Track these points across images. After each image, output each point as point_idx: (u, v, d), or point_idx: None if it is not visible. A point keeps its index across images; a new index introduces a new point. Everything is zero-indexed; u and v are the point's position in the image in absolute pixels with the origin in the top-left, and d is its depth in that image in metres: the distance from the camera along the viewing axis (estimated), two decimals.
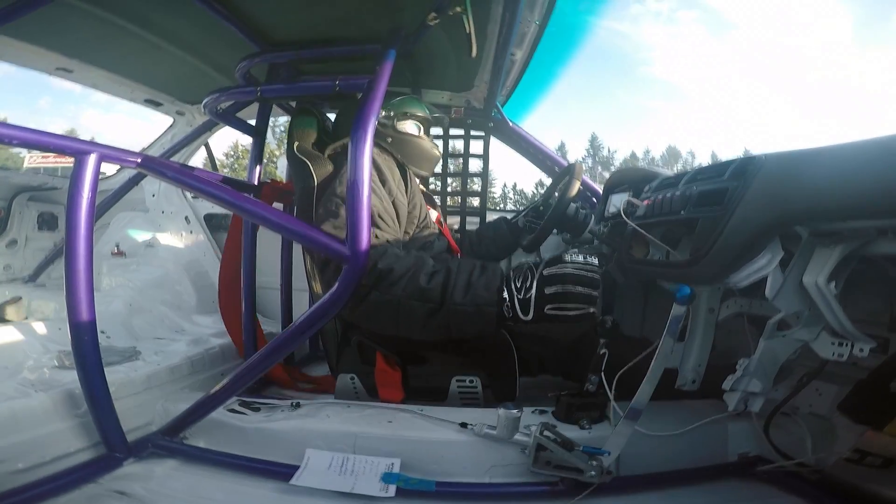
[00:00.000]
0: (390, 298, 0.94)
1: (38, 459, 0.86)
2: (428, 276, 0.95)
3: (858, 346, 0.72)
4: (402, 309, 0.94)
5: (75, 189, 0.84)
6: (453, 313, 0.91)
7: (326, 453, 0.90)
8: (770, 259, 0.74)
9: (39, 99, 59.78)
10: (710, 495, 0.88)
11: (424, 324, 0.95)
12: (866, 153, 0.63)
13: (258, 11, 1.18)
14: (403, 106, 1.32)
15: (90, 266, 0.86)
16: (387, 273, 0.95)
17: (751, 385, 0.84)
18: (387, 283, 0.95)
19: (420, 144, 1.33)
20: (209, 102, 1.35)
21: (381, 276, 0.95)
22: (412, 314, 0.94)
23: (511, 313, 0.91)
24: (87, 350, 0.87)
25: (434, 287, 0.93)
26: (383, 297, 0.94)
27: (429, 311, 0.93)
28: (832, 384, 0.96)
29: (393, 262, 0.96)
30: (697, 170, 0.93)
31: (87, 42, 1.35)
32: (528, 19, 1.17)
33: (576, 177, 1.36)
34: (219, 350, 1.40)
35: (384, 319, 0.97)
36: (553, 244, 1.70)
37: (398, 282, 0.95)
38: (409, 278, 0.95)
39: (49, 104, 61.82)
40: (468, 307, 0.91)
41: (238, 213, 1.26)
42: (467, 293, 0.91)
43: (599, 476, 0.82)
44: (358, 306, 0.96)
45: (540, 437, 0.83)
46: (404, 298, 0.93)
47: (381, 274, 0.95)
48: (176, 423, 0.99)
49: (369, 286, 0.94)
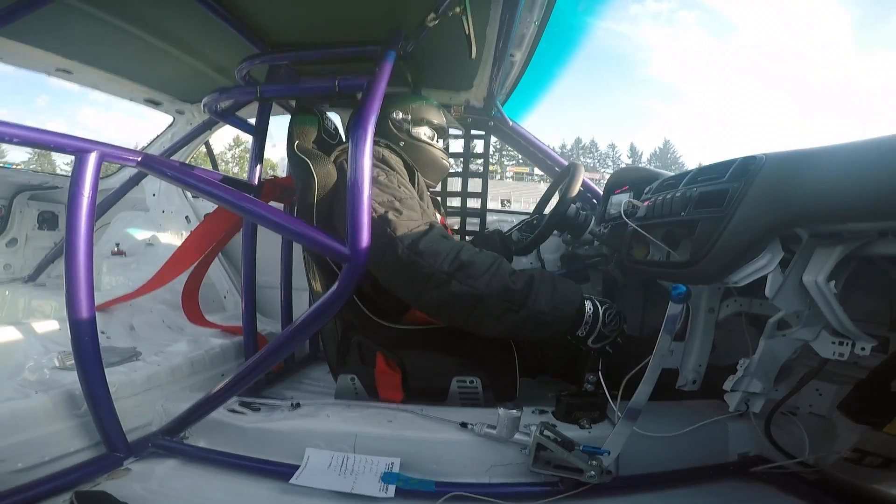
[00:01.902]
0: (471, 291, 0.93)
1: (38, 459, 0.86)
2: (512, 277, 0.96)
3: (859, 345, 0.72)
4: (482, 303, 0.94)
5: (76, 188, 0.84)
6: (533, 317, 0.94)
7: (326, 453, 0.90)
8: (770, 259, 0.74)
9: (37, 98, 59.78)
10: (710, 495, 0.88)
11: (498, 320, 0.95)
12: (866, 154, 0.63)
13: (258, 13, 1.18)
14: (421, 111, 1.32)
15: (90, 265, 0.86)
16: (469, 264, 0.95)
17: (752, 385, 0.84)
18: (467, 273, 0.94)
19: (432, 152, 1.32)
20: (209, 102, 1.35)
21: (462, 266, 0.95)
22: (490, 309, 0.94)
23: (584, 333, 0.94)
24: (87, 350, 0.86)
25: (518, 289, 0.94)
26: (463, 288, 0.93)
27: (507, 309, 0.94)
28: (832, 384, 0.96)
29: (473, 255, 0.97)
30: (698, 170, 0.93)
31: (87, 43, 1.35)
32: (527, 20, 1.17)
33: (576, 177, 1.36)
34: (219, 350, 1.39)
35: (458, 310, 0.96)
36: (553, 245, 1.70)
37: (482, 276, 0.94)
38: (493, 274, 0.95)
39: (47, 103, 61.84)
40: (547, 316, 0.94)
41: (238, 212, 1.26)
42: (551, 302, 0.94)
43: (599, 476, 0.82)
44: (431, 294, 0.95)
45: (540, 437, 0.83)
46: (486, 293, 0.93)
47: (464, 265, 0.95)
48: (176, 423, 0.99)
49: (448, 274, 0.94)
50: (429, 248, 0.96)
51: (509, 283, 0.94)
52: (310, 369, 1.63)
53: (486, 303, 0.94)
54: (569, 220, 1.35)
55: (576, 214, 1.35)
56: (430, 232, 0.99)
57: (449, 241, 1.00)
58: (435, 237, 0.99)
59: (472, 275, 0.94)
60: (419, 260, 0.95)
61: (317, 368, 1.63)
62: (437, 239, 0.98)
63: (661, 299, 0.92)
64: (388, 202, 1.02)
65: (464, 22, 1.03)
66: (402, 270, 0.96)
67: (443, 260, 0.95)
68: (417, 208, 1.07)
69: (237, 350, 1.45)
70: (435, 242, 0.97)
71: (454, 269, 0.94)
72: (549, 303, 0.94)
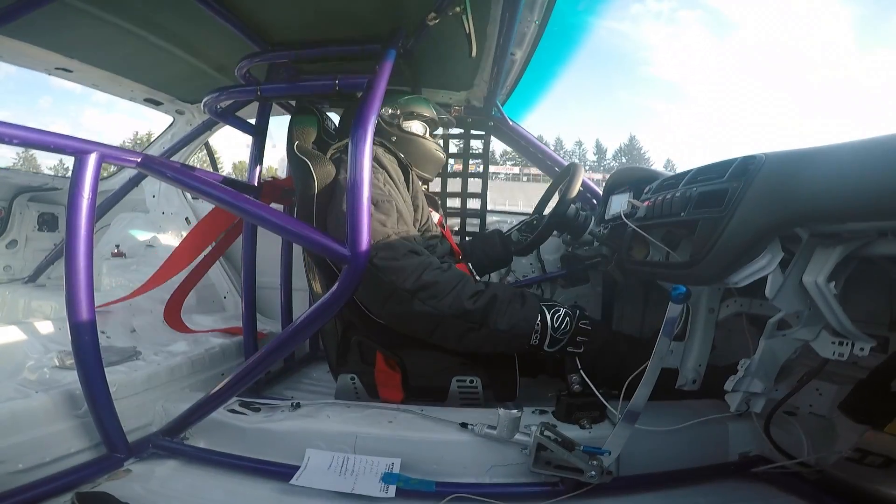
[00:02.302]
0: (432, 311, 0.97)
1: (39, 460, 0.86)
2: (473, 298, 0.99)
3: (859, 346, 0.72)
4: (444, 323, 0.98)
5: (76, 189, 0.84)
6: (492, 336, 0.98)
7: (326, 453, 0.90)
8: (770, 260, 0.74)
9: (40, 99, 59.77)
10: (710, 495, 0.88)
11: (460, 339, 0.99)
12: (866, 154, 0.63)
13: (258, 11, 1.18)
14: (410, 105, 1.31)
15: (90, 266, 0.86)
16: (431, 284, 0.98)
17: (752, 385, 0.84)
18: (429, 294, 0.97)
19: (425, 145, 1.32)
20: (209, 101, 1.35)
21: (424, 287, 0.97)
22: (452, 330, 0.98)
23: (537, 341, 0.99)
24: (87, 350, 0.86)
25: (478, 309, 0.98)
26: (425, 308, 0.97)
27: (468, 329, 0.97)
28: (832, 384, 0.96)
29: (438, 275, 0.99)
30: (698, 170, 0.93)
31: (87, 42, 1.35)
32: (527, 19, 1.16)
33: (576, 178, 1.35)
34: (219, 350, 1.40)
35: (420, 328, 1.00)
36: (553, 245, 1.70)
37: (444, 297, 0.98)
38: (455, 296, 0.98)
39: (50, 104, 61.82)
40: (506, 334, 0.98)
41: (238, 213, 1.26)
42: (511, 321, 0.98)
43: (600, 476, 0.82)
44: (393, 309, 0.99)
45: (540, 437, 0.83)
46: (448, 315, 0.97)
47: (426, 285, 0.97)
48: (176, 423, 0.99)
49: (411, 293, 0.97)
50: (392, 264, 0.98)
51: (468, 306, 0.98)
52: (310, 369, 1.63)
53: (447, 323, 0.97)
54: (568, 221, 1.35)
55: (575, 215, 1.35)
56: (396, 245, 1.01)
57: (415, 257, 1.01)
58: (400, 252, 1.00)
59: (434, 295, 0.97)
60: (380, 275, 0.98)
61: (317, 368, 1.63)
62: (402, 254, 1.00)
63: (661, 299, 0.92)
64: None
65: (464, 21, 1.03)
66: (368, 281, 0.97)
67: (406, 277, 0.97)
68: (393, 213, 1.07)
69: (237, 350, 1.45)
70: (400, 258, 0.99)
71: (416, 288, 0.97)
72: (507, 322, 0.98)
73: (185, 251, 1.54)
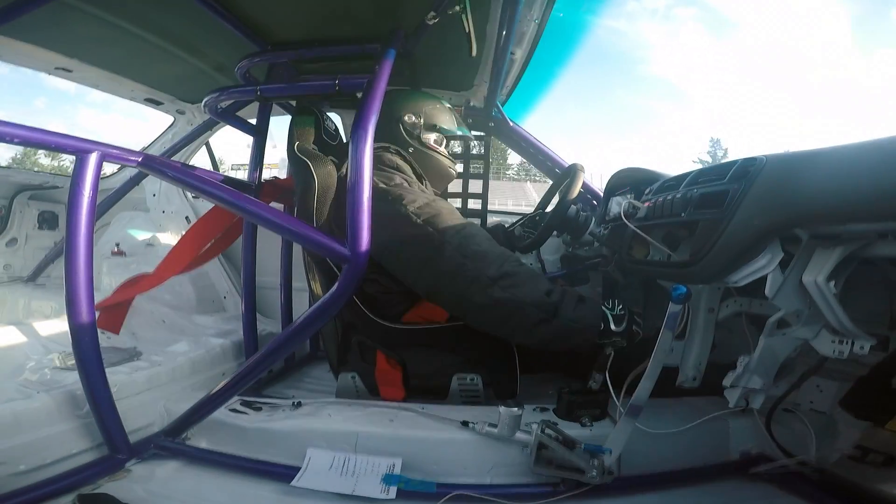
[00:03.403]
0: (511, 299, 0.97)
1: (40, 461, 0.86)
2: (548, 290, 1.00)
3: (859, 344, 0.73)
4: (520, 311, 0.97)
5: (76, 188, 0.84)
6: (562, 329, 0.97)
7: (327, 453, 0.90)
8: (770, 260, 0.74)
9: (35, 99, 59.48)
10: (712, 495, 0.88)
11: (531, 330, 0.98)
12: (866, 155, 0.63)
13: (258, 11, 1.17)
14: (434, 116, 1.29)
15: (90, 266, 0.86)
16: (513, 273, 0.99)
17: (751, 382, 0.84)
18: (510, 282, 0.98)
19: (440, 161, 1.31)
20: (209, 101, 1.35)
21: (506, 275, 0.98)
22: (526, 319, 0.97)
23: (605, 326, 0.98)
24: (87, 350, 0.86)
25: (553, 301, 0.98)
26: (504, 295, 0.97)
27: (541, 319, 0.97)
28: (833, 381, 0.96)
29: (517, 266, 1.01)
30: (699, 172, 0.93)
31: (87, 41, 1.35)
32: (527, 18, 1.16)
33: (576, 179, 1.36)
34: (220, 350, 1.40)
35: (497, 316, 0.99)
36: (553, 246, 1.70)
37: (523, 286, 0.98)
38: (533, 286, 0.99)
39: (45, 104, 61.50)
40: (577, 325, 0.98)
41: (238, 213, 1.26)
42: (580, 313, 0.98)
43: (601, 476, 0.82)
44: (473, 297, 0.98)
45: (541, 436, 0.83)
46: (526, 303, 0.97)
47: (508, 273, 0.99)
48: (178, 423, 0.99)
49: (493, 279, 0.97)
50: (477, 251, 1.00)
51: (545, 296, 0.98)
52: (310, 368, 1.63)
53: (523, 312, 0.97)
54: (569, 221, 1.35)
55: (576, 215, 1.35)
56: (477, 235, 1.04)
57: (495, 245, 1.04)
58: (482, 240, 1.03)
59: (514, 284, 0.98)
60: (466, 263, 0.99)
61: (317, 367, 1.63)
62: (483, 242, 1.03)
63: (661, 299, 0.92)
64: (425, 206, 1.05)
65: (463, 20, 1.03)
66: (448, 273, 0.99)
67: (490, 263, 0.99)
68: (455, 210, 1.10)
69: (237, 350, 1.45)
70: (482, 245, 1.02)
71: (499, 275, 0.98)
72: (577, 311, 0.98)
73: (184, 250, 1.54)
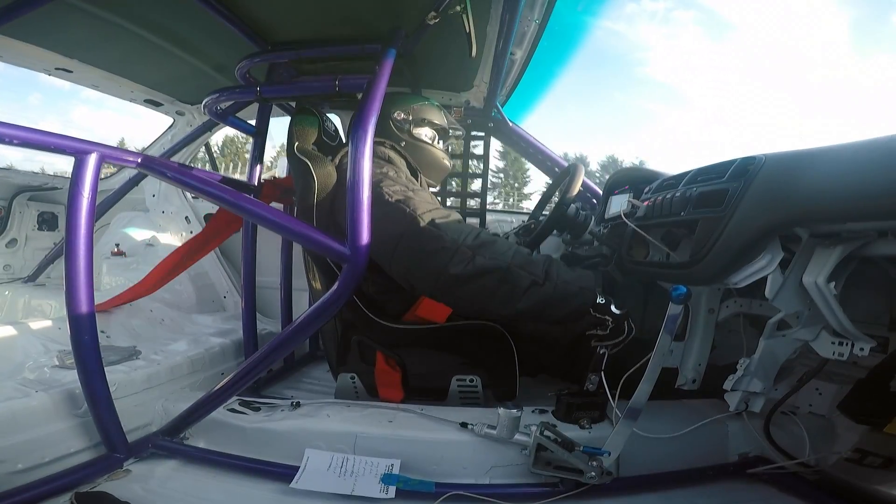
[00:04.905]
0: (498, 264, 0.94)
1: (38, 460, 0.86)
2: (529, 253, 0.98)
3: (858, 346, 0.73)
4: (509, 274, 0.94)
5: (75, 189, 0.84)
6: (557, 289, 0.94)
7: (326, 454, 0.90)
8: (770, 260, 0.74)
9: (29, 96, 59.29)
10: (710, 496, 0.88)
11: (525, 293, 0.94)
12: (866, 154, 0.63)
13: (258, 11, 1.17)
14: (423, 112, 1.31)
15: (90, 266, 0.86)
16: (490, 242, 0.97)
17: (752, 385, 0.84)
18: (491, 250, 0.96)
19: (433, 153, 1.33)
20: (209, 103, 1.35)
21: (484, 244, 0.96)
22: (517, 280, 0.94)
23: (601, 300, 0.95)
24: (86, 349, 0.86)
25: (539, 261, 0.96)
26: (489, 263, 0.94)
27: (532, 282, 0.94)
28: (832, 383, 0.96)
29: (492, 236, 1.00)
30: (698, 170, 0.93)
31: (87, 42, 1.35)
32: (527, 18, 1.16)
33: (576, 178, 1.36)
34: (219, 350, 1.40)
35: (484, 284, 0.95)
36: (553, 245, 1.70)
37: (505, 252, 0.96)
38: (516, 251, 0.97)
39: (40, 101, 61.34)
40: (572, 286, 0.94)
41: (238, 212, 1.26)
42: (572, 273, 0.96)
43: (599, 477, 0.82)
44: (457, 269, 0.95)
45: (540, 437, 0.83)
46: (512, 264, 0.94)
47: (485, 242, 0.97)
48: (176, 423, 0.99)
49: (472, 248, 0.95)
50: (450, 224, 0.99)
51: (530, 258, 0.96)
52: (309, 368, 1.63)
53: (512, 274, 0.94)
54: (568, 220, 1.35)
55: (575, 214, 1.35)
56: (450, 214, 1.03)
57: (467, 224, 1.04)
58: (454, 219, 1.02)
59: (495, 251, 0.96)
60: (442, 235, 0.96)
61: (316, 367, 1.63)
62: (456, 219, 1.02)
63: (661, 300, 0.92)
64: (402, 190, 1.04)
65: (464, 20, 1.03)
66: (424, 247, 0.96)
67: (466, 236, 0.97)
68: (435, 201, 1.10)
69: (237, 349, 1.45)
70: (454, 222, 1.01)
71: (477, 244, 0.96)
72: (570, 274, 0.96)
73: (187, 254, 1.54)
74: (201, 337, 1.48)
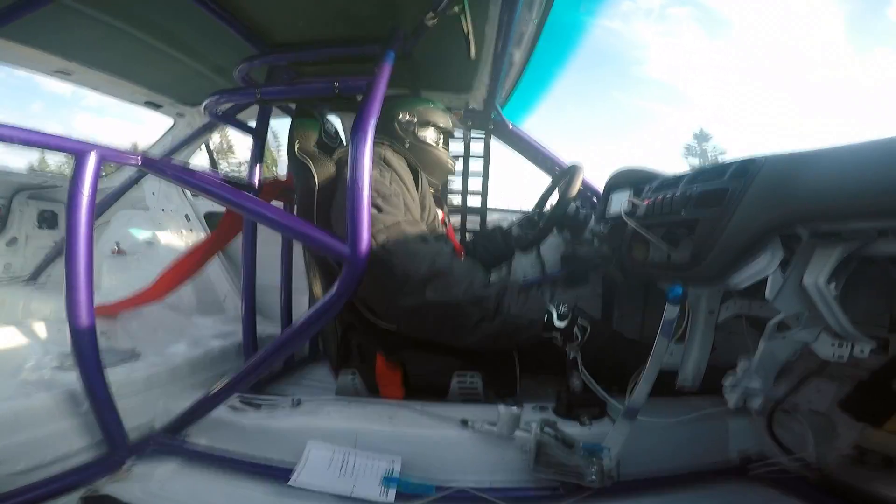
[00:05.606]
0: (447, 300, 0.95)
1: (40, 460, 0.86)
2: (484, 285, 0.98)
3: (858, 347, 0.73)
4: (458, 312, 0.95)
5: (75, 188, 0.84)
6: (506, 324, 0.96)
7: (327, 448, 0.89)
8: (770, 260, 0.74)
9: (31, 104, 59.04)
10: (712, 498, 0.88)
11: (474, 329, 0.97)
12: (865, 154, 0.63)
13: (257, 13, 1.18)
14: (427, 114, 1.31)
15: (90, 265, 0.86)
16: (445, 272, 0.96)
17: (751, 384, 0.84)
18: (443, 283, 0.95)
19: (437, 155, 1.32)
20: (209, 104, 1.35)
21: (438, 274, 0.95)
22: (466, 318, 0.96)
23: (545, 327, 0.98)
24: (86, 350, 0.86)
25: (491, 296, 0.96)
26: (439, 298, 0.95)
27: (482, 318, 0.96)
28: (831, 382, 0.96)
29: (450, 262, 0.98)
30: (698, 170, 0.93)
31: (87, 44, 1.35)
32: (526, 18, 1.16)
33: (576, 176, 1.36)
34: (219, 352, 1.39)
35: (433, 320, 0.97)
36: (553, 245, 1.70)
37: (458, 284, 0.96)
38: (469, 283, 0.97)
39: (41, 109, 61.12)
40: (522, 319, 0.97)
41: (239, 211, 1.26)
42: (523, 307, 0.97)
43: (600, 480, 0.81)
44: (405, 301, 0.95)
45: (540, 435, 0.83)
46: (463, 301, 0.95)
47: (440, 272, 0.95)
48: (177, 421, 0.99)
49: (423, 281, 0.94)
50: (404, 249, 0.96)
51: (481, 292, 0.96)
52: (310, 368, 1.63)
53: (462, 310, 0.95)
54: (568, 219, 1.35)
55: (576, 213, 1.36)
56: (407, 232, 1.00)
57: (426, 244, 1.00)
58: (412, 238, 0.99)
59: (447, 284, 0.96)
60: (393, 260, 0.95)
61: (317, 368, 1.63)
62: (413, 240, 0.99)
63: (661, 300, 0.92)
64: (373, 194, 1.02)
65: (462, 21, 1.03)
66: (375, 270, 0.95)
67: (420, 263, 0.95)
68: (401, 206, 1.07)
69: (237, 351, 1.45)
70: (411, 243, 0.98)
71: (430, 275, 0.95)
72: (521, 307, 0.97)
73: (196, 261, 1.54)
74: (201, 339, 1.48)
